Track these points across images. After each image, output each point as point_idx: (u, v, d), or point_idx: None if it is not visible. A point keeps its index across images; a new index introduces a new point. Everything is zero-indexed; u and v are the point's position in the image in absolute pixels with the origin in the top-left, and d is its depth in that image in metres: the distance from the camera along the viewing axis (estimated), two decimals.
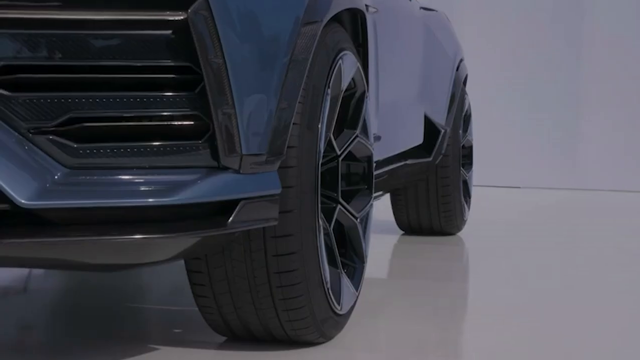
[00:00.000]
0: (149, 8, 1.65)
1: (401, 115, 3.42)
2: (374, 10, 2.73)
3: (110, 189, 1.64)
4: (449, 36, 4.31)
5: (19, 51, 1.59)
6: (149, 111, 1.67)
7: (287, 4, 1.87)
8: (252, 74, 1.76)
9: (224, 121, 1.70)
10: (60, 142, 1.62)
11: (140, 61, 1.65)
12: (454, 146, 4.11)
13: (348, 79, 2.25)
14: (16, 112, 1.59)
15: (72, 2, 1.62)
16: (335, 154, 2.23)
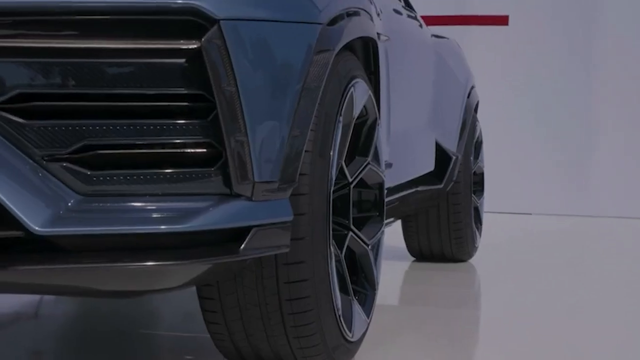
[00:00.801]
0: (163, 37, 1.67)
1: (412, 142, 3.43)
2: (386, 38, 2.74)
3: (123, 216, 1.65)
4: (460, 63, 4.32)
5: (34, 79, 1.61)
6: (162, 139, 1.68)
7: (299, 32, 1.88)
8: (264, 102, 1.77)
9: (236, 149, 1.71)
10: (74, 169, 1.63)
11: (154, 89, 1.67)
12: (465, 173, 4.11)
13: (360, 107, 2.26)
14: (31, 140, 1.61)
15: (86, 31, 1.64)
16: (346, 181, 2.23)
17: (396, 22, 3.19)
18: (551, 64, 6.88)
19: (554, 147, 6.90)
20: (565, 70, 6.85)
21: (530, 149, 6.93)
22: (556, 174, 6.89)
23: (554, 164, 6.89)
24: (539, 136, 6.91)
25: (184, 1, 1.67)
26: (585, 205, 6.83)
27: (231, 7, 1.72)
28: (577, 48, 6.83)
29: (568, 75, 6.85)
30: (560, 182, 6.87)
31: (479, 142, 4.43)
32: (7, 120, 1.60)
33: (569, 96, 6.86)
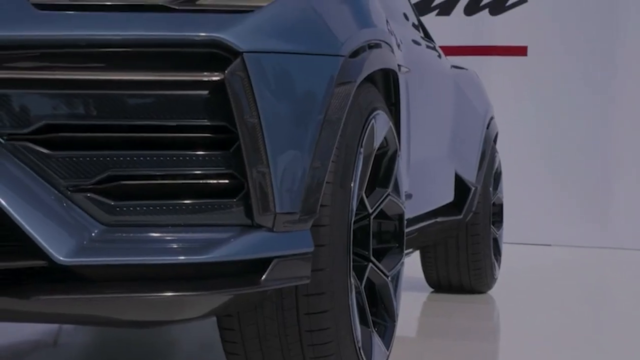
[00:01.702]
0: (186, 69, 1.68)
1: (432, 173, 3.43)
2: (406, 70, 2.76)
3: (145, 246, 1.66)
4: (480, 94, 4.33)
5: (60, 111, 1.63)
6: (185, 169, 1.69)
7: (321, 64, 1.90)
8: (286, 134, 1.78)
9: (258, 180, 1.72)
10: (98, 200, 1.64)
11: (177, 120, 1.68)
12: (484, 204, 4.11)
13: (380, 138, 2.27)
14: (56, 170, 1.62)
15: (111, 63, 1.66)
16: (367, 212, 2.24)
17: (416, 53, 3.21)
18: (570, 95, 6.87)
19: (573, 178, 6.87)
20: (584, 101, 6.84)
21: (549, 179, 6.91)
22: (575, 205, 6.85)
23: (573, 195, 6.86)
24: (558, 167, 6.89)
25: (208, 34, 1.69)
26: (605, 237, 6.79)
27: (254, 39, 1.73)
28: (595, 79, 6.82)
29: (587, 106, 6.84)
30: (580, 214, 6.83)
31: (498, 172, 4.43)
32: (33, 151, 1.62)
33: (588, 127, 6.85)
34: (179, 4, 1.73)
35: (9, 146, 1.61)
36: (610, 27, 6.76)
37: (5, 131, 1.62)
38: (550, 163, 6.90)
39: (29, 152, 1.62)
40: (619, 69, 6.81)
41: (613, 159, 6.86)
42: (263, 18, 1.78)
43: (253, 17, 1.76)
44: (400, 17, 3.53)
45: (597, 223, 6.81)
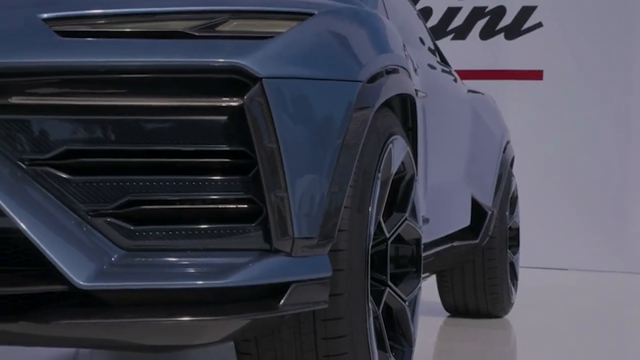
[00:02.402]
0: (206, 94, 1.70)
1: (449, 198, 3.43)
2: (424, 95, 2.76)
3: (165, 271, 1.67)
4: (496, 118, 4.34)
5: (81, 136, 1.65)
6: (204, 194, 1.70)
7: (339, 90, 1.91)
8: (304, 159, 1.79)
9: (277, 205, 1.73)
10: (118, 224, 1.66)
11: (197, 146, 1.70)
12: (500, 228, 4.10)
13: (398, 163, 2.27)
14: (76, 195, 1.64)
15: (132, 89, 1.67)
16: (384, 237, 2.24)
17: (433, 77, 3.22)
18: (586, 119, 6.86)
19: (589, 202, 6.84)
20: (600, 125, 6.83)
21: (565, 203, 6.89)
22: (592, 229, 6.82)
23: (590, 219, 6.83)
24: (575, 191, 6.86)
25: (228, 60, 1.70)
26: (621, 262, 6.75)
27: (273, 65, 1.75)
28: (611, 103, 6.82)
29: (603, 130, 6.83)
30: (596, 238, 6.80)
31: (514, 197, 4.42)
32: (54, 176, 1.63)
33: (604, 151, 6.83)
34: (198, 30, 1.75)
35: (30, 171, 1.63)
36: (626, 51, 6.76)
37: (26, 156, 1.63)
38: (566, 187, 6.88)
39: (49, 177, 1.63)
40: (635, 92, 6.80)
41: (629, 183, 6.83)
42: (282, 44, 1.79)
43: (272, 43, 1.78)
44: (417, 41, 3.55)
45: (614, 247, 6.78)
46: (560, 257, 6.81)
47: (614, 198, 6.84)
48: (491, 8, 6.99)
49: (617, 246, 6.79)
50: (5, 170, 1.61)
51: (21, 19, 1.69)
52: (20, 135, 1.62)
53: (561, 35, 6.86)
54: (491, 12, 6.99)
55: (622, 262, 6.74)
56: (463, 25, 7.05)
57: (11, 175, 1.61)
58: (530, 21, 6.94)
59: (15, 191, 1.60)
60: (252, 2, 1.94)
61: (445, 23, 7.07)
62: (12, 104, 1.63)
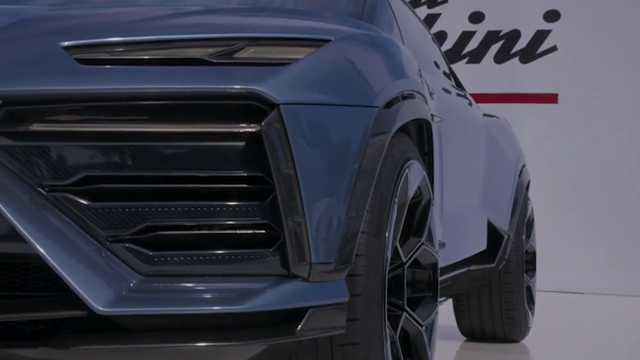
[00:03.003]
0: (224, 121, 1.71)
1: (465, 222, 3.43)
2: (439, 119, 2.77)
3: (183, 296, 1.68)
4: (511, 142, 4.34)
5: (100, 162, 1.66)
6: (222, 220, 1.71)
7: (356, 115, 1.92)
8: (321, 184, 1.80)
9: (294, 230, 1.73)
10: (136, 250, 1.67)
11: (214, 171, 1.71)
12: (517, 252, 4.08)
13: (414, 188, 2.28)
14: (95, 221, 1.65)
15: (149, 115, 1.69)
16: (401, 262, 2.24)
17: (448, 102, 3.23)
18: (601, 142, 6.85)
19: (606, 225, 6.81)
20: (616, 148, 6.82)
21: (582, 227, 6.86)
22: (608, 253, 6.79)
23: (607, 243, 6.80)
24: (591, 214, 6.84)
25: (245, 86, 1.72)
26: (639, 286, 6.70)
27: (290, 91, 1.76)
28: (627, 126, 6.80)
29: (618, 153, 6.81)
30: (613, 262, 6.77)
31: (530, 220, 4.41)
32: (73, 202, 1.65)
33: (620, 174, 6.81)
34: (216, 57, 1.77)
35: (50, 197, 1.64)
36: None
37: (46, 183, 1.65)
38: (582, 210, 6.85)
39: (69, 203, 1.65)
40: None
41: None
42: (299, 70, 1.81)
43: (289, 69, 1.79)
44: (432, 65, 3.56)
45: (631, 271, 6.74)
46: (577, 280, 6.78)
47: (631, 221, 6.80)
48: (506, 32, 7.01)
49: (635, 270, 6.75)
50: (25, 197, 1.62)
51: (42, 47, 1.71)
52: (40, 162, 1.64)
53: (576, 59, 6.87)
54: (506, 36, 7.01)
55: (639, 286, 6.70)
56: (478, 49, 7.07)
57: (31, 202, 1.62)
58: (545, 45, 6.95)
59: (35, 217, 1.61)
60: (269, 28, 1.96)
61: (460, 47, 7.09)
62: (33, 131, 1.65)
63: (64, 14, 1.99)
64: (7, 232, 1.61)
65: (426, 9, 7.19)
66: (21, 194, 1.62)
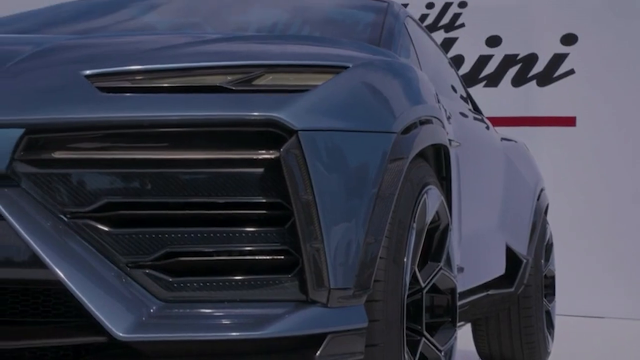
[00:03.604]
0: (243, 147, 1.73)
1: (483, 246, 3.42)
2: (457, 144, 2.78)
3: (202, 322, 1.69)
4: (530, 166, 4.33)
5: (121, 189, 1.68)
6: (241, 246, 1.72)
7: (374, 141, 1.93)
8: (340, 210, 1.81)
9: (313, 256, 1.74)
10: (156, 276, 1.68)
11: (234, 198, 1.72)
12: (536, 276, 4.07)
13: (432, 213, 2.28)
14: (116, 247, 1.66)
15: (169, 142, 1.71)
16: (419, 287, 2.23)
17: (466, 126, 3.23)
18: (620, 165, 6.82)
19: (625, 249, 6.77)
20: (633, 171, 6.79)
21: (601, 250, 6.82)
22: (628, 277, 6.74)
23: (626, 267, 6.76)
24: (610, 238, 6.80)
25: (264, 113, 1.73)
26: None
27: (309, 118, 1.77)
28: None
29: (636, 176, 6.78)
30: (633, 286, 6.72)
31: (549, 244, 4.39)
32: (94, 229, 1.66)
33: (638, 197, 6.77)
34: (235, 84, 1.79)
35: (71, 224, 1.66)
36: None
37: (68, 209, 1.67)
38: (602, 234, 6.82)
39: (90, 229, 1.66)
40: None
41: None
42: (317, 97, 1.82)
43: (307, 96, 1.80)
44: (449, 89, 3.57)
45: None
46: (597, 305, 6.73)
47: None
48: (523, 55, 7.02)
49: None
50: (47, 223, 1.64)
51: (64, 76, 1.74)
52: (62, 189, 1.66)
53: (593, 82, 6.86)
54: (523, 60, 7.02)
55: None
56: (495, 72, 7.07)
57: (53, 228, 1.64)
58: (562, 68, 6.95)
59: (56, 244, 1.63)
60: (288, 55, 1.98)
61: (477, 71, 7.10)
62: (55, 159, 1.67)
63: (85, 42, 2.02)
64: (29, 258, 1.63)
65: (443, 33, 7.21)
66: (43, 221, 1.64)
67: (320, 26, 3.08)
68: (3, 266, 1.64)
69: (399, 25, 2.95)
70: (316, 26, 3.09)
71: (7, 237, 1.63)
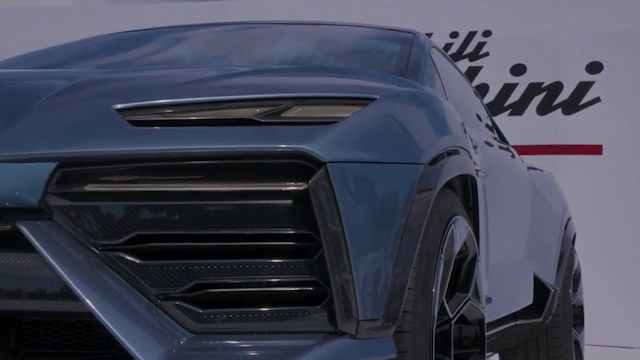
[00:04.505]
0: (272, 179, 1.74)
1: (511, 276, 3.40)
2: (484, 174, 2.78)
3: (232, 353, 1.69)
4: (556, 195, 4.32)
5: (152, 221, 1.69)
6: (270, 277, 1.73)
7: (402, 173, 1.93)
8: (368, 241, 1.81)
9: (341, 287, 1.75)
10: (186, 308, 1.69)
11: (263, 229, 1.73)
12: (564, 306, 4.04)
13: (460, 243, 2.28)
14: (146, 279, 1.68)
15: (200, 175, 1.72)
16: (447, 318, 2.23)
17: (492, 155, 3.23)
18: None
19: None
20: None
21: (630, 280, 6.75)
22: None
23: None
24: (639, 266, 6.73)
25: (293, 145, 1.74)
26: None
27: (337, 150, 1.78)
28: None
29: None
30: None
31: (577, 274, 4.36)
32: (125, 261, 1.68)
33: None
34: (264, 117, 1.80)
35: (103, 256, 1.68)
36: None
37: (100, 242, 1.68)
38: (630, 262, 6.75)
39: (121, 261, 1.68)
40: None
41: None
42: (345, 129, 1.83)
43: (336, 128, 1.82)
44: (474, 118, 3.57)
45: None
46: (627, 334, 6.65)
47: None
48: (548, 84, 7.01)
49: None
50: (79, 256, 1.66)
51: (96, 110, 1.76)
52: (94, 221, 1.68)
53: (620, 110, 6.83)
54: (548, 88, 7.01)
55: None
56: (520, 101, 7.06)
57: (85, 261, 1.66)
58: (588, 96, 6.93)
59: (88, 276, 1.65)
60: (316, 88, 1.99)
61: (502, 99, 7.09)
62: (87, 192, 1.69)
63: (116, 77, 2.06)
64: (61, 290, 1.64)
65: (467, 61, 7.23)
66: (75, 253, 1.66)
67: (346, 57, 3.10)
68: (36, 298, 1.66)
69: (425, 56, 2.97)
70: (343, 57, 3.11)
71: (40, 270, 1.65)
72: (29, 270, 1.66)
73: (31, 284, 1.66)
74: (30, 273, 1.66)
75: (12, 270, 1.66)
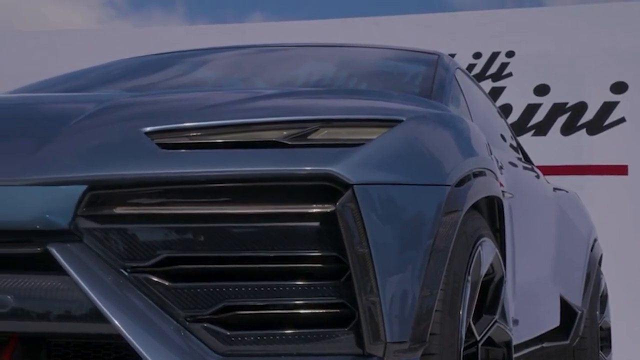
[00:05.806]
0: (299, 201, 1.74)
1: (538, 298, 3.38)
2: (510, 195, 2.77)
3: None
4: (582, 216, 4.29)
5: (180, 243, 1.70)
6: (297, 299, 1.73)
7: (428, 194, 1.93)
8: (395, 263, 1.81)
9: (369, 309, 1.74)
10: (214, 330, 1.69)
11: (290, 251, 1.73)
12: (591, 328, 4.00)
13: (487, 265, 2.27)
14: (175, 301, 1.68)
15: (227, 197, 1.73)
16: (474, 340, 2.22)
17: (517, 176, 3.22)
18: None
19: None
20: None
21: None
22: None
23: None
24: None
25: (320, 168, 1.75)
26: None
27: (364, 172, 1.79)
28: None
29: None
30: None
31: (604, 295, 4.33)
32: (154, 283, 1.69)
33: None
34: (291, 139, 1.81)
35: (132, 278, 1.68)
36: None
37: (128, 264, 1.69)
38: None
39: (150, 284, 1.69)
40: None
41: None
42: (372, 151, 1.84)
43: (362, 150, 1.82)
44: (499, 139, 3.57)
45: None
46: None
47: None
48: (572, 104, 6.99)
49: None
50: (108, 278, 1.67)
51: (125, 133, 1.78)
52: (123, 244, 1.69)
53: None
54: (572, 108, 6.99)
55: None
56: (544, 121, 7.05)
57: (114, 283, 1.67)
58: (613, 116, 6.90)
59: (117, 298, 1.65)
60: (342, 110, 2.00)
61: (526, 119, 7.08)
62: (116, 214, 1.70)
63: (144, 100, 2.07)
64: (90, 312, 1.65)
65: (491, 82, 7.22)
66: (104, 276, 1.67)
67: (371, 79, 3.11)
68: (66, 320, 1.67)
69: (450, 77, 2.97)
70: (367, 79, 3.12)
71: (70, 292, 1.66)
72: (59, 292, 1.67)
73: (61, 306, 1.67)
74: (61, 295, 1.67)
75: (42, 292, 1.67)
